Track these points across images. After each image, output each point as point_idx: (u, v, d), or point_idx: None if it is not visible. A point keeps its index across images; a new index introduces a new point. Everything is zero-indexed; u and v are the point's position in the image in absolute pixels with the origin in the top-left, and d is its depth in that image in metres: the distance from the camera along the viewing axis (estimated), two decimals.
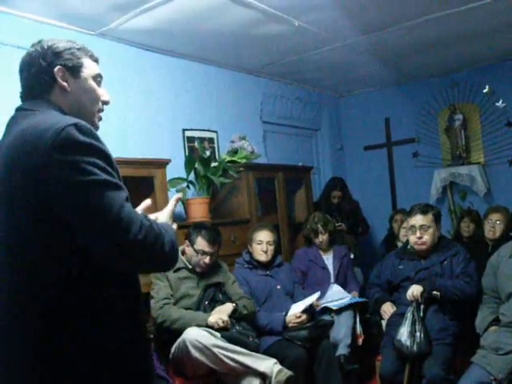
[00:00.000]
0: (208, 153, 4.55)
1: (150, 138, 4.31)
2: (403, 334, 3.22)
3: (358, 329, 4.12)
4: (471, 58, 5.47)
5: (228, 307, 3.34)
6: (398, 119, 6.39)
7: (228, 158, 4.47)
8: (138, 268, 1.49)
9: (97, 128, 1.59)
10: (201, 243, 3.44)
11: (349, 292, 4.44)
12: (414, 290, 3.32)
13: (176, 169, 4.13)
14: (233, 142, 4.71)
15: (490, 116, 5.69)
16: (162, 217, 1.59)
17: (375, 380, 3.56)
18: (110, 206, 1.31)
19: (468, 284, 3.35)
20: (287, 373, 3.05)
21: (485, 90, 5.52)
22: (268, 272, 3.99)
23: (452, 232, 5.54)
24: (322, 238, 4.48)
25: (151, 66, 4.42)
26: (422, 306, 3.31)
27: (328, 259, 4.53)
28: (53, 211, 1.33)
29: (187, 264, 3.49)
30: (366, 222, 5.76)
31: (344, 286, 4.51)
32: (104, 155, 1.38)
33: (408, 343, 3.17)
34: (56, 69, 1.52)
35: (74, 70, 1.55)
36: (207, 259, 3.46)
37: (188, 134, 4.67)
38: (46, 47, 1.53)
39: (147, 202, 1.66)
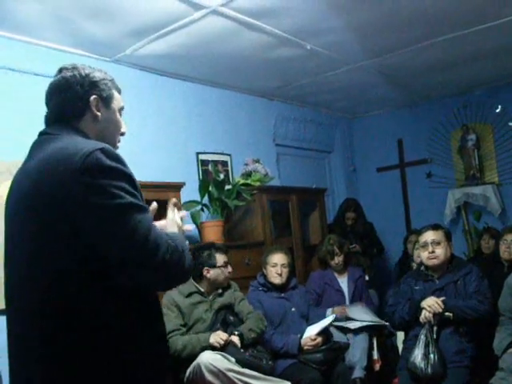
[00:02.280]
0: (222, 176, 4.59)
1: (164, 162, 4.35)
2: (417, 356, 3.18)
3: (375, 354, 4.09)
4: (483, 78, 5.48)
5: (234, 340, 3.30)
6: (411, 140, 6.39)
7: (242, 181, 4.50)
8: (164, 286, 1.57)
9: None
10: (220, 257, 3.52)
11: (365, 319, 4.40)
12: (426, 312, 3.30)
13: (190, 192, 4.16)
14: (246, 164, 4.75)
15: (504, 136, 5.68)
16: (170, 227, 1.59)
17: None
18: (137, 229, 1.35)
19: (481, 302, 3.31)
20: None
21: (497, 110, 5.51)
22: (283, 294, 3.98)
23: (467, 253, 5.50)
24: (338, 259, 4.47)
25: (165, 91, 4.49)
26: (435, 328, 3.28)
27: (343, 281, 4.51)
28: (78, 232, 1.36)
29: (199, 288, 3.50)
30: (381, 243, 5.74)
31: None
32: (129, 179, 1.42)
33: (422, 365, 3.13)
34: (92, 98, 1.58)
35: (107, 101, 1.62)
36: (229, 268, 3.57)
37: (202, 157, 4.70)
38: (83, 75, 1.59)
39: (153, 205, 1.66)
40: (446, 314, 3.29)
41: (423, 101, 6.19)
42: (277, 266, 3.94)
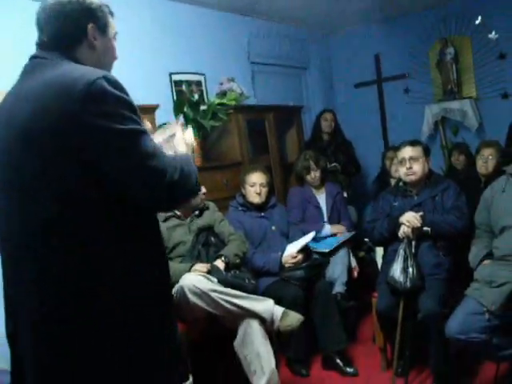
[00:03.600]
0: (196, 96, 4.47)
1: (135, 83, 4.11)
2: (396, 270, 3.24)
3: (353, 263, 4.18)
4: None
5: (219, 265, 3.33)
6: (389, 55, 6.27)
7: (217, 101, 4.39)
8: (174, 205, 1.75)
9: None
10: None
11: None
12: (405, 227, 3.34)
13: (165, 114, 4.05)
14: (221, 84, 4.63)
15: (483, 48, 5.59)
16: (179, 146, 1.67)
17: (372, 316, 3.61)
18: (146, 151, 1.40)
19: (459, 218, 3.36)
20: (297, 318, 3.07)
21: (477, 22, 5.37)
22: (262, 213, 3.99)
23: (445, 168, 5.53)
24: (315, 174, 4.45)
25: (134, 8, 4.26)
26: (413, 243, 3.33)
27: (321, 198, 4.51)
28: (86, 158, 1.36)
29: (175, 212, 3.48)
30: (357, 161, 5.69)
31: (337, 223, 4.52)
32: (131, 106, 1.44)
33: (401, 279, 3.20)
34: (90, 26, 1.55)
35: (103, 29, 1.61)
36: (203, 189, 3.55)
37: (175, 77, 4.56)
38: (80, 1, 1.54)
39: (148, 125, 1.67)
40: (425, 228, 3.34)
41: (401, 14, 6.00)
42: (255, 185, 3.92)
